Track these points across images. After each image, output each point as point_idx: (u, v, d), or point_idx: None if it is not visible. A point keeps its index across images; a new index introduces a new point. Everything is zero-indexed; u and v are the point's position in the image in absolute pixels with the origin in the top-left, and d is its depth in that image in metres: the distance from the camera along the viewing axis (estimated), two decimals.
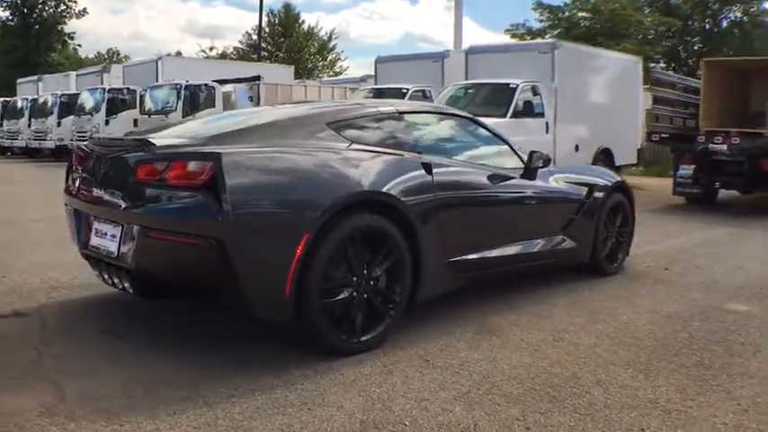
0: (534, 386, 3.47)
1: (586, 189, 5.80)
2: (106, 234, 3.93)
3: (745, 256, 7.28)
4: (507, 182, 5.08)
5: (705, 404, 3.32)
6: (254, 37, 41.77)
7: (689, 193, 11.86)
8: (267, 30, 41.11)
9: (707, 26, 34.24)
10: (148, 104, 20.11)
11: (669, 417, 3.18)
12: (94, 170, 4.08)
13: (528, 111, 13.52)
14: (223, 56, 43.88)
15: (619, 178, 6.49)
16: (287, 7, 42.85)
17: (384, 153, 4.20)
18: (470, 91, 14.40)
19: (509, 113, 13.17)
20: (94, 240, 4.04)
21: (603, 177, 6.17)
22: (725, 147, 11.27)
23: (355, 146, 4.06)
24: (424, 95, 16.18)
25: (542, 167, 5.36)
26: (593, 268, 5.94)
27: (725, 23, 33.90)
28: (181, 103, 18.95)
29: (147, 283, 3.85)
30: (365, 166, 3.93)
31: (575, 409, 3.23)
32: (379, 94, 16.62)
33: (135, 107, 20.45)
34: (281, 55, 41.51)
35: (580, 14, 33.60)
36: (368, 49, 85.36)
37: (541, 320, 4.64)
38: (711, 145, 11.45)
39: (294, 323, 3.60)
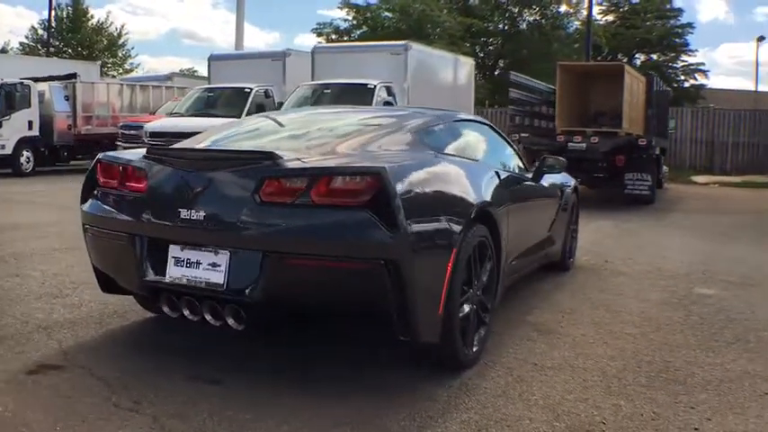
0: (638, 372, 3.78)
1: (559, 190, 6.26)
2: (199, 263, 3.43)
3: (656, 245, 8.26)
4: (532, 185, 5.39)
5: None
6: (41, 32, 38.72)
7: None
8: (55, 24, 37.90)
9: (505, 27, 37.24)
10: None
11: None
12: (177, 187, 3.54)
13: None
14: (3, 51, 39.75)
15: (573, 179, 7.05)
16: (75, 1, 39.89)
17: (469, 161, 4.27)
18: (327, 91, 14.56)
19: None
20: (175, 272, 3.50)
21: (565, 178, 6.68)
22: (584, 145, 12.55)
23: (440, 155, 4.07)
24: (267, 95, 16.05)
25: (558, 173, 5.74)
26: (561, 265, 6.43)
27: (524, 25, 37.08)
28: None
29: (264, 316, 3.48)
30: (470, 176, 3.95)
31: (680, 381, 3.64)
32: (219, 93, 16.17)
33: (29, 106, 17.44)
34: (70, 51, 38.58)
35: (386, 14, 34.94)
36: (134, 46, 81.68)
37: (574, 315, 4.98)
38: (570, 144, 12.69)
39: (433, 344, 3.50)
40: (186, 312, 3.55)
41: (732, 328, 4.79)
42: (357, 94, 13.86)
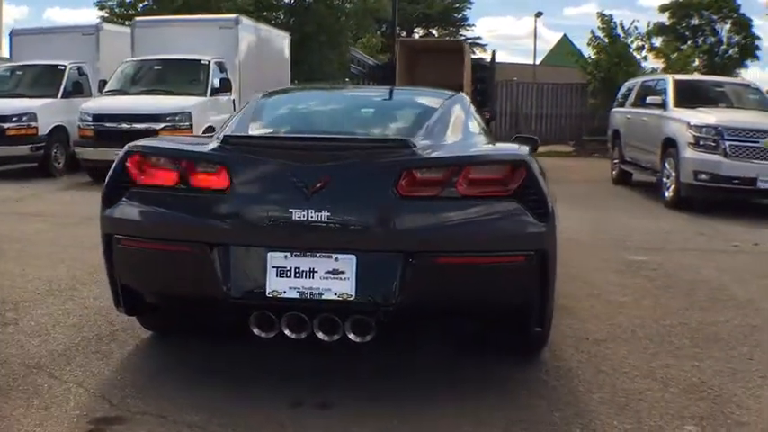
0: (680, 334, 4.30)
1: None
2: (314, 272, 3.06)
3: None
4: None
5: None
6: None
7: None
8: None
9: (293, 1, 37.11)
10: None
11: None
12: (286, 183, 3.10)
13: (222, 88, 13.62)
14: None
15: None
16: None
17: None
18: (157, 68, 13.82)
19: (208, 91, 13.16)
20: (279, 284, 3.09)
21: None
22: None
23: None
24: (81, 73, 14.81)
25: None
26: None
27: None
28: None
29: (397, 324, 3.29)
30: None
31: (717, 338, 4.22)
32: (27, 71, 14.61)
33: None
34: None
35: None
36: None
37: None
38: None
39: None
40: (287, 331, 3.16)
41: (698, 288, 5.52)
42: (189, 71, 13.40)
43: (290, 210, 3.05)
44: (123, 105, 12.11)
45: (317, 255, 3.08)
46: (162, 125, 11.74)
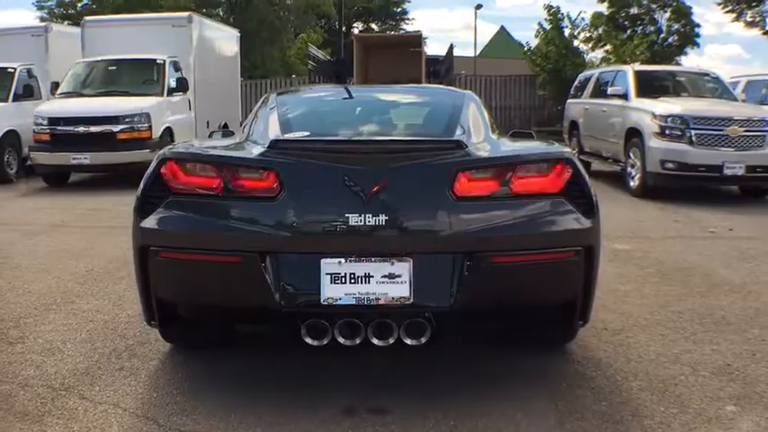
0: (692, 320, 4.48)
1: None
2: (370, 277, 3.03)
3: None
4: None
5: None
6: None
7: None
8: None
9: None
10: None
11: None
12: (340, 188, 3.05)
13: (178, 87, 13.46)
14: None
15: None
16: None
17: None
18: (111, 68, 13.55)
19: (165, 91, 12.98)
20: (334, 291, 3.04)
21: None
22: None
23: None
24: (30, 74, 14.37)
25: None
26: None
27: None
28: None
29: (453, 326, 3.37)
30: None
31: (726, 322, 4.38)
32: None
33: None
34: None
35: None
36: None
37: None
38: None
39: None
40: (341, 338, 3.11)
41: (691, 275, 5.72)
42: (144, 71, 13.20)
43: (347, 215, 3.02)
44: (79, 108, 11.80)
45: (373, 259, 3.07)
46: (120, 127, 11.53)
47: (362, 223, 3.01)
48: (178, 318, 3.58)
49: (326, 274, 3.07)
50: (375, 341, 3.15)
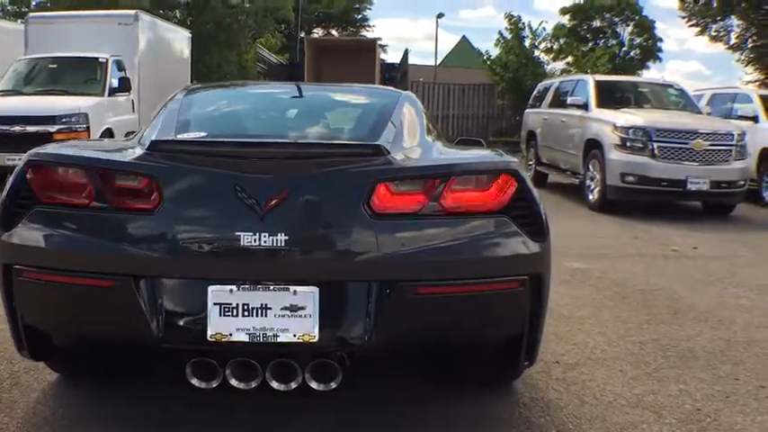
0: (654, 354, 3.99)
1: None
2: (267, 308, 2.52)
3: None
4: None
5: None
6: None
7: None
8: None
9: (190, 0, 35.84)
10: None
11: None
12: (231, 200, 2.53)
13: (121, 87, 12.86)
14: None
15: None
16: None
17: None
18: (52, 66, 12.92)
19: (106, 91, 12.39)
20: (223, 325, 2.52)
21: None
22: None
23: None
24: None
25: None
26: None
27: None
28: None
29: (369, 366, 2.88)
30: None
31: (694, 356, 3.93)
32: None
33: None
34: None
35: None
36: None
37: None
38: None
39: None
40: (233, 381, 2.59)
41: (652, 299, 5.26)
42: (85, 69, 12.55)
43: (238, 233, 2.49)
44: (15, 107, 11.09)
45: (271, 287, 2.55)
46: (57, 127, 10.79)
47: (257, 244, 2.48)
48: (53, 348, 3.03)
49: (215, 304, 2.54)
50: (275, 385, 2.61)
